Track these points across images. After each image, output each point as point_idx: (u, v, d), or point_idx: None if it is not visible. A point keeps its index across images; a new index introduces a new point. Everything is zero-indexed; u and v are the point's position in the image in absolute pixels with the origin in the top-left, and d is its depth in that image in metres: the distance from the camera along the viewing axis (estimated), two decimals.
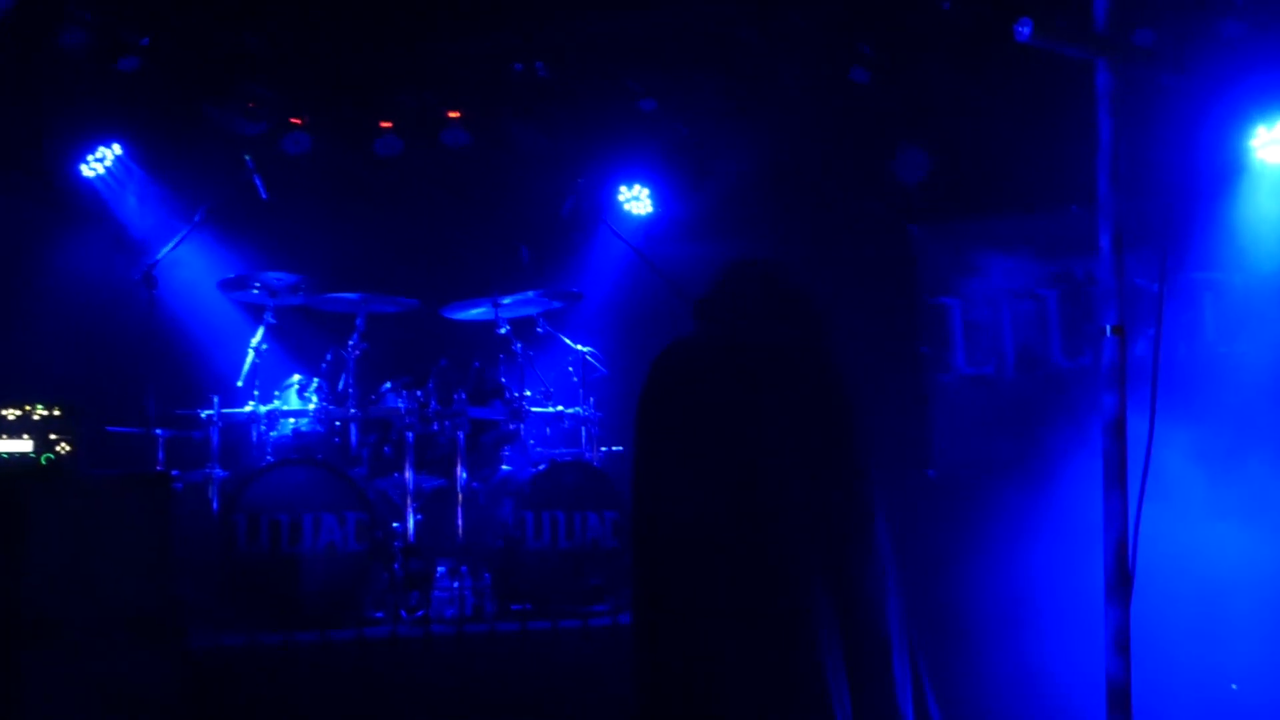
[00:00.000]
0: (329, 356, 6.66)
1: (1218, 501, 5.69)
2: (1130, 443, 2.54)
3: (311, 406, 6.51)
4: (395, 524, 6.41)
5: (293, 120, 7.74)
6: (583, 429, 7.00)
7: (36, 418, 5.29)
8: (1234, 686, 5.55)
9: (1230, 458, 5.87)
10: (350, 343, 6.62)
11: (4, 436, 5.26)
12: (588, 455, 6.86)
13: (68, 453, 5.33)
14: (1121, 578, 2.45)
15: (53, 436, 5.33)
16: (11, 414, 5.24)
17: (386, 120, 7.83)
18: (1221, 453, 5.84)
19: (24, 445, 5.27)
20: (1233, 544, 5.61)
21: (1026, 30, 2.49)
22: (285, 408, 6.54)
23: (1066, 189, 6.27)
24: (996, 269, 7.30)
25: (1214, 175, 6.34)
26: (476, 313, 6.94)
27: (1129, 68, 2.69)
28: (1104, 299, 2.56)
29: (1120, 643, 2.46)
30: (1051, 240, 7.10)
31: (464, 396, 6.53)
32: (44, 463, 5.28)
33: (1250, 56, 6.03)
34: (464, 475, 6.50)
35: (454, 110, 7.84)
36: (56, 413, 5.35)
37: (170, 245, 6.62)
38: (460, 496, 6.48)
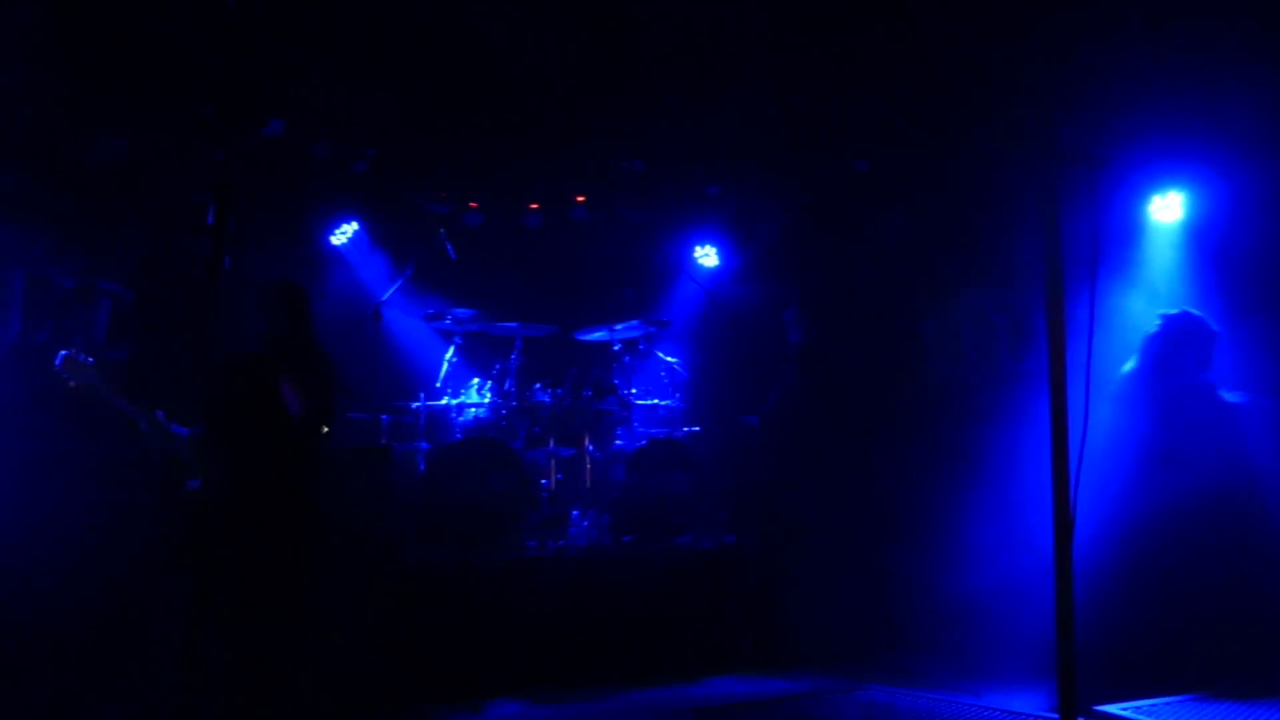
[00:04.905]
0: (497, 366, 6.69)
1: None
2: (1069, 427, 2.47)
3: (485, 400, 6.54)
4: (543, 480, 6.44)
5: (470, 203, 7.77)
6: (671, 415, 6.98)
7: None
8: None
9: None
10: (511, 356, 6.66)
11: None
12: (674, 434, 6.84)
13: (326, 432, 5.44)
14: (1065, 521, 2.38)
15: None
16: None
17: (534, 202, 7.85)
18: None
19: None
20: None
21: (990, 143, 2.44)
22: (468, 401, 6.58)
23: (1014, 239, 6.14)
24: (960, 301, 7.15)
25: (1123, 232, 6.17)
26: (597, 335, 6.94)
27: (1063, 165, 2.62)
28: (1050, 330, 2.49)
29: (1066, 573, 2.37)
30: (999, 278, 6.93)
31: (589, 393, 6.54)
32: None
33: (1148, 144, 5.87)
34: (590, 447, 6.52)
35: (580, 195, 7.85)
36: None
37: (390, 290, 6.70)
38: (587, 462, 6.49)
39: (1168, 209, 6.17)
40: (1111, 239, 6.08)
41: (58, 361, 4.00)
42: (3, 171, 5.12)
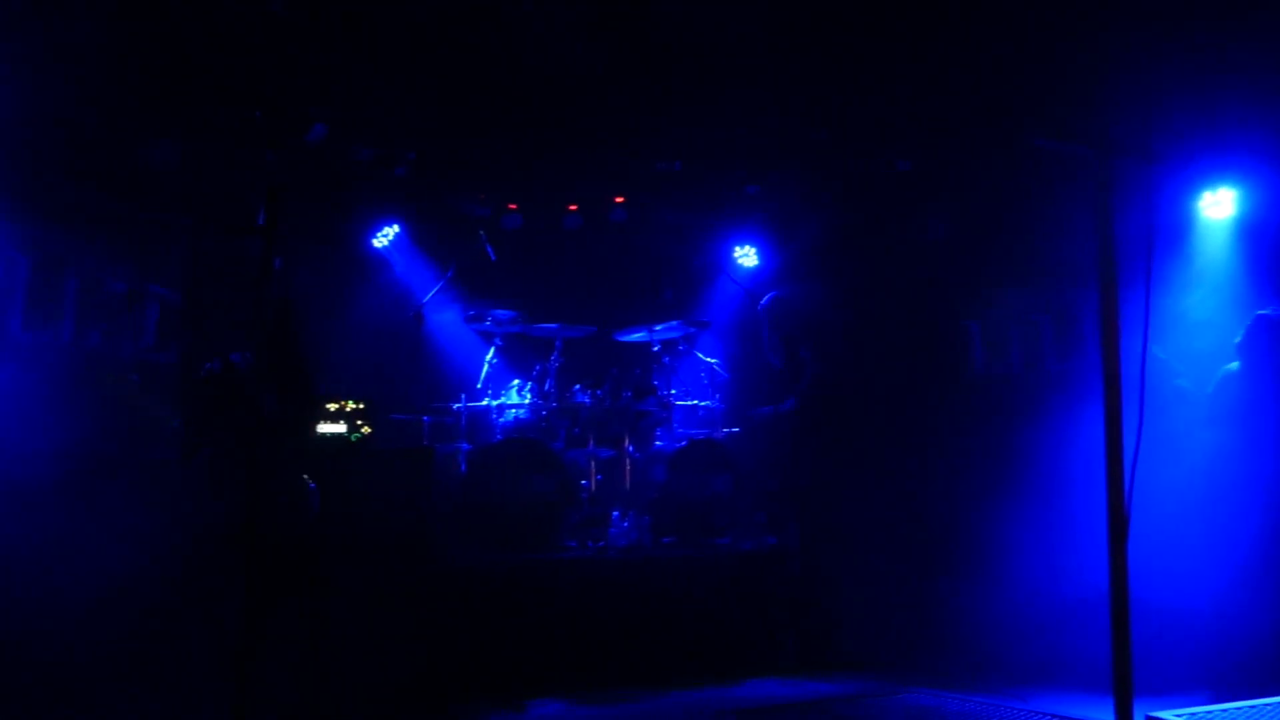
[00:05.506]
0: (537, 367, 6.71)
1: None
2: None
3: (526, 401, 6.57)
4: (583, 481, 6.46)
5: (509, 205, 7.79)
6: (710, 415, 6.95)
7: (348, 410, 5.44)
8: None
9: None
10: (551, 357, 6.68)
11: (326, 422, 5.44)
12: (714, 435, 6.82)
13: (368, 433, 5.50)
14: (1119, 521, 2.34)
15: (358, 422, 5.48)
16: (331, 407, 5.42)
17: (572, 204, 7.86)
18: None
19: (340, 428, 5.45)
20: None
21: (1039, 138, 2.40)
22: (509, 402, 6.61)
23: (1057, 238, 6.05)
24: (1004, 300, 7.05)
25: (1171, 229, 6.05)
26: (637, 336, 6.93)
27: (1116, 160, 2.57)
28: (1103, 326, 2.44)
29: (1120, 573, 2.33)
30: (1043, 278, 6.82)
31: (629, 394, 6.54)
32: (353, 440, 5.44)
33: (1197, 142, 5.75)
34: (630, 448, 6.52)
35: (619, 196, 7.84)
36: (360, 406, 5.48)
37: (431, 293, 6.76)
38: (627, 463, 6.49)
39: (1219, 205, 6.04)
40: (1160, 236, 5.94)
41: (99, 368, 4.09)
42: (57, 177, 5.23)
